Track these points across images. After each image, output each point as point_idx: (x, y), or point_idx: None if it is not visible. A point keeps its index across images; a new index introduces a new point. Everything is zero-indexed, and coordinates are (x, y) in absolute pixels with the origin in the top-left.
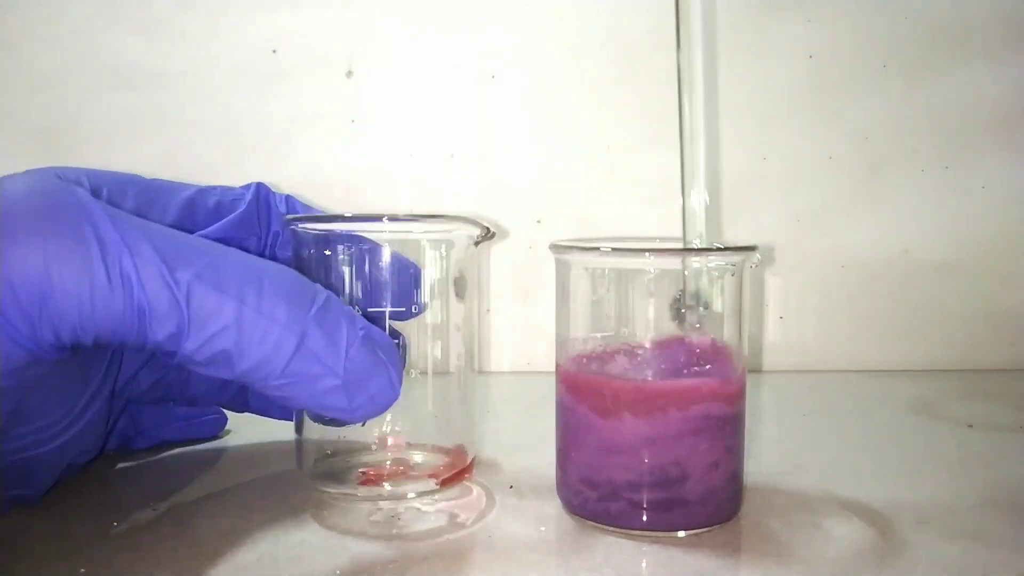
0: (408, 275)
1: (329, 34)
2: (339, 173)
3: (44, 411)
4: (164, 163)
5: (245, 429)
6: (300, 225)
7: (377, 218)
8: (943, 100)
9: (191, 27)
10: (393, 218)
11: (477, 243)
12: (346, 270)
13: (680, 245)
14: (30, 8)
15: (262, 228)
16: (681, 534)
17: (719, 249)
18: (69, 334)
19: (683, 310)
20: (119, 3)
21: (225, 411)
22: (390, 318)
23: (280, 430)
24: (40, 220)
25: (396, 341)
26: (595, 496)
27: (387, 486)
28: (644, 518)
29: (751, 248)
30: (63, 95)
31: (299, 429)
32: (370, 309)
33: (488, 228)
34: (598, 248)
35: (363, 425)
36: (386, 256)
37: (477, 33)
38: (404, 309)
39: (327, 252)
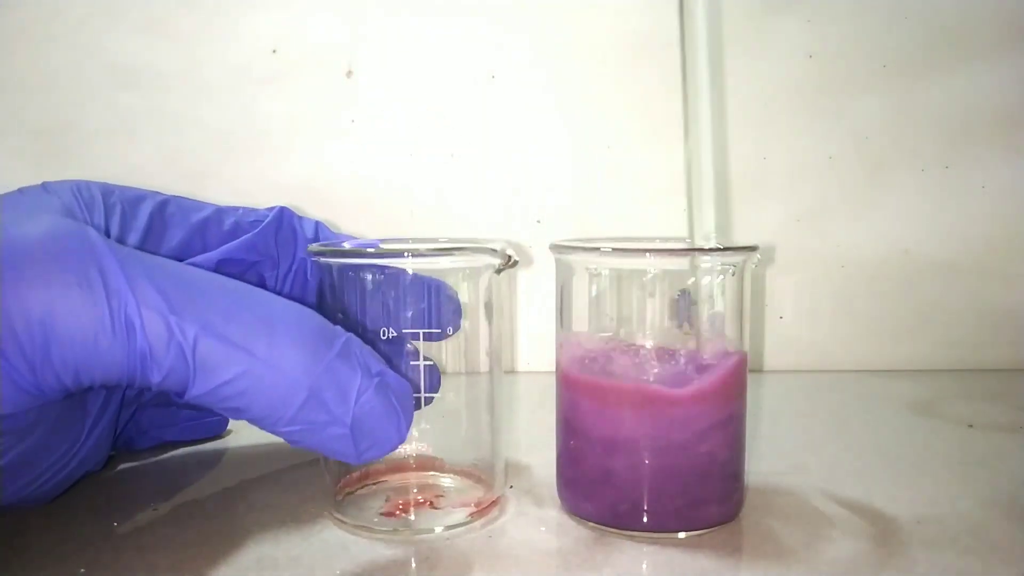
0: (440, 295)
1: (329, 34)
2: (339, 173)
3: (44, 456)
4: (164, 163)
5: (247, 429)
6: (321, 258)
7: (399, 254)
8: (943, 100)
9: (191, 27)
10: (416, 253)
11: (499, 271)
12: (376, 293)
13: (679, 245)
14: (30, 8)
15: (280, 252)
16: (681, 535)
17: (720, 249)
18: (72, 378)
19: (684, 310)
20: (119, 3)
21: None
22: (424, 339)
23: None
24: (46, 263)
25: (429, 363)
26: (595, 496)
27: (413, 517)
28: (644, 519)
29: (752, 248)
30: (63, 95)
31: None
32: (405, 330)
33: (510, 256)
34: (598, 248)
35: None
36: (417, 278)
37: (477, 33)
38: (439, 331)
39: (360, 275)
